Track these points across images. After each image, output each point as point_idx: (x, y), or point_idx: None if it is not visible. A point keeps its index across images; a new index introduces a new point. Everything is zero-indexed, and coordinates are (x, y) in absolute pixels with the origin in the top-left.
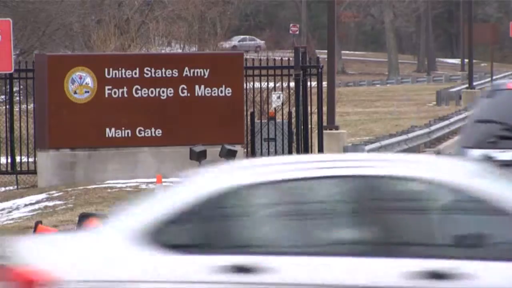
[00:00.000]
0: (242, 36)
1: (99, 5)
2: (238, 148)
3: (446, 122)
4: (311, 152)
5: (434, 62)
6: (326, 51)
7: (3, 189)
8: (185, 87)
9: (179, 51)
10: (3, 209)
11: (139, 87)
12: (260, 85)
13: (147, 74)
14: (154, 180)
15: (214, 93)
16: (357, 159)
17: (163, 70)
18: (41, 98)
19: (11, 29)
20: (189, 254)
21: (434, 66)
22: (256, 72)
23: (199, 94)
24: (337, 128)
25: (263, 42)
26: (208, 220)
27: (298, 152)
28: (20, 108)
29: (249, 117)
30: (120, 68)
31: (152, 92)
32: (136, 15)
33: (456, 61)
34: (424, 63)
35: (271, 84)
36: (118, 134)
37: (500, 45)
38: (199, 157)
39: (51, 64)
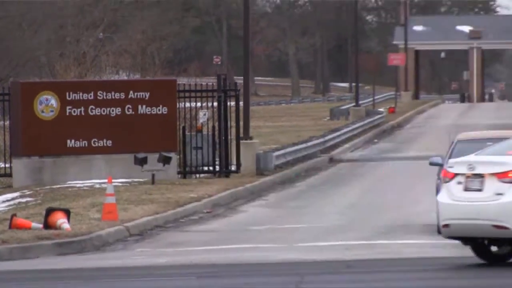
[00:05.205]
0: None
1: (61, 42)
2: (172, 155)
3: (338, 133)
4: (230, 158)
5: (328, 85)
6: (242, 77)
7: None
8: (130, 106)
9: (125, 78)
10: None
11: (93, 107)
12: (190, 104)
13: (100, 96)
14: (106, 181)
15: (153, 111)
16: None
17: (113, 93)
18: (16, 116)
19: None
20: None
21: (328, 89)
22: (187, 94)
23: (141, 112)
24: (251, 138)
25: None
26: None
27: (220, 158)
28: None
29: (181, 131)
30: (78, 92)
31: (104, 111)
32: (91, 50)
33: (346, 84)
34: (320, 86)
35: (199, 104)
36: (77, 144)
37: (380, 71)
38: (141, 162)
39: (23, 89)
